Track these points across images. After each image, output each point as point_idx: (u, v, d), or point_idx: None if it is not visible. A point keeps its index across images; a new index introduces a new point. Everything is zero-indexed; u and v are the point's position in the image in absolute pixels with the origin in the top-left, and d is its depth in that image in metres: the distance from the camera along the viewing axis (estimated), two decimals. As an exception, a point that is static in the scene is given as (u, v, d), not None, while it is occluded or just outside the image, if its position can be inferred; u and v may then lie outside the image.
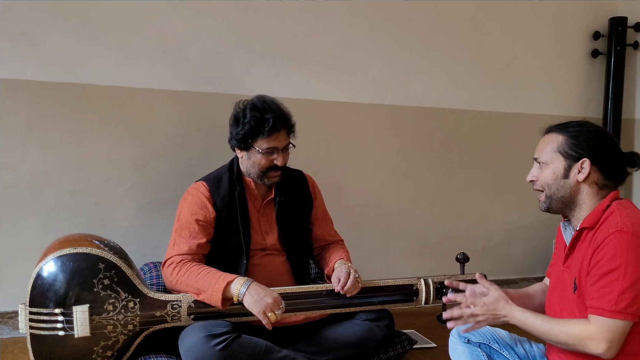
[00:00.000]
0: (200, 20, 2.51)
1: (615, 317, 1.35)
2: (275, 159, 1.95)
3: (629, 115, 3.37)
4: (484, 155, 3.13)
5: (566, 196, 1.51)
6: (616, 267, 1.36)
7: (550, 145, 1.53)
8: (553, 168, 1.52)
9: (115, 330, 1.79)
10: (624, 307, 1.35)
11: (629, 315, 1.35)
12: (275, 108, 1.95)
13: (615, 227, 1.39)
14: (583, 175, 1.48)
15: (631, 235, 1.37)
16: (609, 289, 1.36)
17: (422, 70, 2.95)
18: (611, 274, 1.37)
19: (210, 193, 1.99)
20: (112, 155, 2.42)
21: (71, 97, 2.35)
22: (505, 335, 1.70)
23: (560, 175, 1.51)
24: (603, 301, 1.37)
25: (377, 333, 1.98)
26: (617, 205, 1.45)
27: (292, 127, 2.00)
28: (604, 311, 1.36)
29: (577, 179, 1.49)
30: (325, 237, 2.18)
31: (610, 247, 1.38)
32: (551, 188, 1.53)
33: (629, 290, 1.35)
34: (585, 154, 1.48)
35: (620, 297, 1.35)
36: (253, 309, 1.78)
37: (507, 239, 3.22)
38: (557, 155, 1.51)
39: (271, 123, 1.90)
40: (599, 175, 1.49)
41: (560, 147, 1.51)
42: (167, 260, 1.93)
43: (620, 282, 1.35)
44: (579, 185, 1.50)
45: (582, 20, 3.28)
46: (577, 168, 1.49)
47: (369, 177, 2.91)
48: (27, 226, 2.32)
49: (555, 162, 1.52)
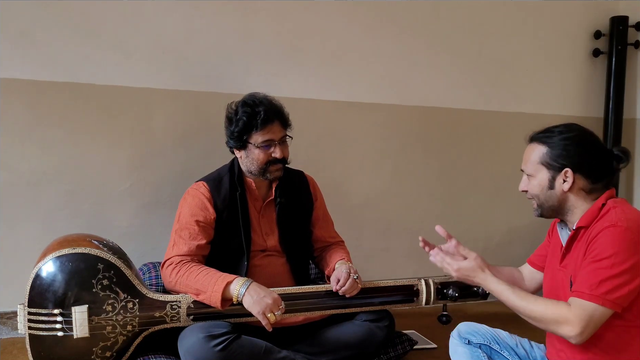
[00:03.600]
0: (200, 20, 2.50)
1: (592, 301, 1.36)
2: (273, 151, 1.95)
3: (630, 114, 3.36)
4: (484, 155, 3.13)
5: (555, 204, 1.53)
6: (606, 257, 1.38)
7: (533, 157, 1.55)
8: (538, 180, 1.54)
9: (114, 330, 1.78)
10: (603, 292, 1.36)
11: (607, 302, 1.36)
12: (265, 102, 1.96)
13: (610, 221, 1.41)
14: (568, 184, 1.50)
15: (625, 229, 1.38)
16: (594, 275, 1.38)
17: (422, 70, 2.94)
18: (600, 262, 1.38)
19: (211, 194, 1.98)
20: (111, 155, 2.42)
21: (70, 97, 2.34)
22: (506, 336, 1.70)
23: (545, 186, 1.53)
24: (585, 285, 1.38)
25: (377, 334, 1.98)
26: (613, 203, 1.46)
27: (286, 119, 2.01)
28: (583, 294, 1.38)
29: (562, 189, 1.51)
30: (325, 239, 2.17)
31: (604, 239, 1.39)
32: (540, 199, 1.55)
33: (613, 279, 1.36)
34: (566, 164, 1.49)
35: (602, 283, 1.36)
36: (253, 309, 1.77)
37: (507, 238, 3.21)
38: (541, 167, 1.53)
39: (263, 115, 1.91)
40: (584, 182, 1.50)
41: (542, 158, 1.52)
42: (167, 260, 1.92)
43: (606, 271, 1.37)
44: (565, 194, 1.52)
45: (583, 20, 3.27)
46: (561, 178, 1.50)
47: (369, 177, 2.90)
48: (26, 226, 2.31)
49: (539, 173, 1.54)
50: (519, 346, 1.67)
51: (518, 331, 1.75)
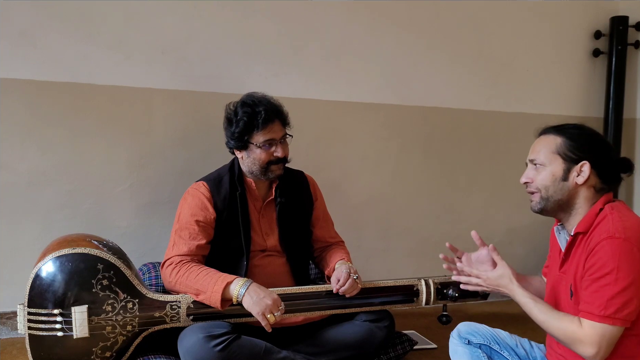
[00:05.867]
0: (199, 20, 2.50)
1: (603, 322, 1.35)
2: (275, 151, 1.95)
3: (630, 114, 3.36)
4: (485, 155, 3.13)
5: (563, 199, 1.50)
6: (608, 273, 1.36)
7: (548, 147, 1.51)
8: (552, 170, 1.50)
9: (114, 331, 1.78)
10: (613, 312, 1.35)
11: (617, 321, 1.35)
12: (265, 101, 1.97)
13: (607, 232, 1.38)
14: (583, 178, 1.47)
15: (623, 240, 1.36)
16: (600, 294, 1.36)
17: (422, 70, 2.94)
18: (603, 279, 1.36)
19: (211, 193, 1.98)
20: (111, 155, 2.42)
21: (70, 97, 2.34)
22: (506, 336, 1.69)
23: (559, 177, 1.49)
24: (593, 306, 1.37)
25: (377, 334, 1.98)
26: (610, 209, 1.44)
27: (286, 118, 2.01)
28: (594, 316, 1.36)
29: (575, 182, 1.48)
30: (325, 239, 2.17)
31: (603, 253, 1.37)
32: (548, 190, 1.50)
33: (619, 296, 1.34)
34: (585, 157, 1.47)
35: (609, 302, 1.35)
36: (252, 310, 1.77)
37: (508, 238, 3.21)
38: (556, 157, 1.50)
39: (264, 115, 1.92)
40: (597, 179, 1.48)
41: (559, 148, 1.49)
42: (167, 260, 1.92)
43: (611, 287, 1.35)
44: (577, 188, 1.49)
45: (583, 20, 3.27)
46: (576, 171, 1.48)
47: (369, 177, 2.90)
48: (25, 226, 2.31)
49: (553, 163, 1.50)
50: (519, 346, 1.67)
51: (518, 331, 1.75)
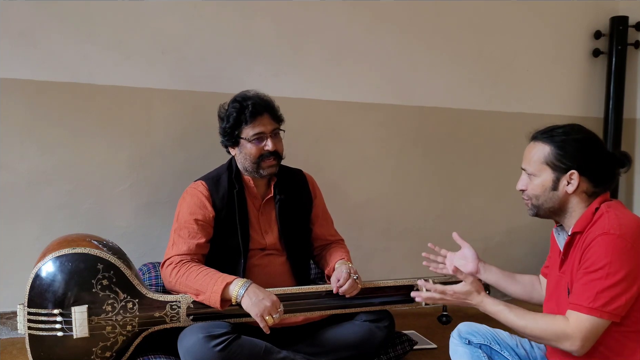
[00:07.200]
0: (199, 20, 2.50)
1: (591, 314, 1.36)
2: (265, 145, 1.95)
3: (630, 114, 3.36)
4: (485, 155, 3.13)
5: (555, 206, 1.52)
6: (600, 267, 1.37)
7: (537, 156, 1.51)
8: (541, 180, 1.51)
9: (114, 331, 1.78)
10: (600, 304, 1.35)
11: (605, 314, 1.35)
12: (254, 96, 1.99)
13: (603, 229, 1.39)
14: (572, 187, 1.48)
15: (617, 237, 1.37)
16: (590, 287, 1.37)
17: (422, 70, 2.94)
18: (594, 273, 1.37)
19: (210, 192, 1.98)
20: (110, 155, 2.41)
21: (70, 97, 2.34)
22: (506, 336, 1.69)
23: (548, 187, 1.50)
24: (582, 297, 1.38)
25: (377, 334, 1.98)
26: (606, 208, 1.45)
27: (276, 112, 2.02)
28: (581, 307, 1.37)
29: (566, 191, 1.49)
30: (325, 237, 2.17)
31: (597, 248, 1.38)
32: (539, 199, 1.52)
33: (609, 290, 1.35)
34: (573, 166, 1.47)
35: (599, 294, 1.36)
36: (251, 311, 1.77)
37: (508, 239, 3.21)
38: (545, 167, 1.50)
39: (251, 108, 1.94)
40: (588, 185, 1.49)
41: (547, 158, 1.50)
42: (166, 260, 1.92)
43: (602, 281, 1.36)
44: (568, 196, 1.50)
45: (583, 20, 3.27)
46: (565, 180, 1.48)
47: (369, 177, 2.90)
48: (25, 226, 2.31)
49: (543, 174, 1.51)
50: (519, 346, 1.67)
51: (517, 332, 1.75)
